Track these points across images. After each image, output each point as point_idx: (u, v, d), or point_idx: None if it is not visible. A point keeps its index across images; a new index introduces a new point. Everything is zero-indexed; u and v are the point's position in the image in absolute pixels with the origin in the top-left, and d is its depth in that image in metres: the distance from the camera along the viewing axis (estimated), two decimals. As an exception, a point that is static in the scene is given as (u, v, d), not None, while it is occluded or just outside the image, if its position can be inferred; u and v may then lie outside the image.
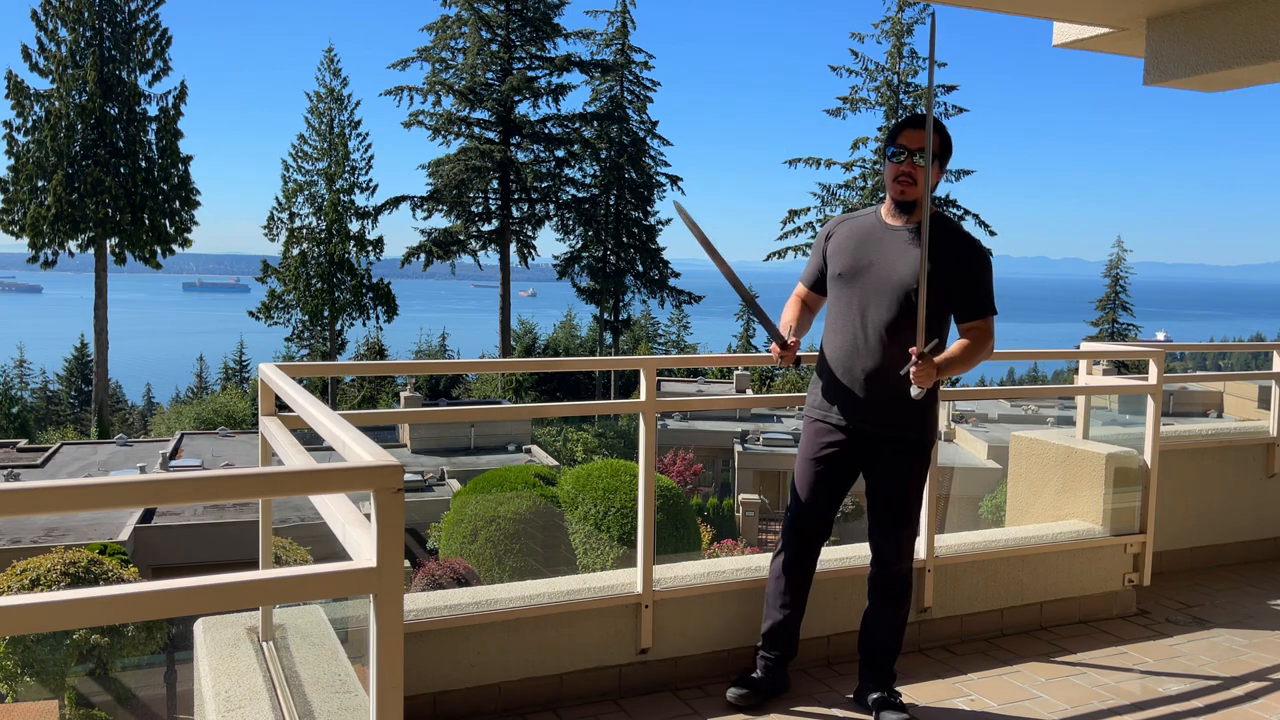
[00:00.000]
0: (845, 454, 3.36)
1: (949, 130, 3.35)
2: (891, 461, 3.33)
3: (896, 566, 3.42)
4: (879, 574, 3.44)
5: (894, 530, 3.38)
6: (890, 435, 3.30)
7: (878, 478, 3.37)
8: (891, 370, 3.22)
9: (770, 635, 3.51)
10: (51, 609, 1.40)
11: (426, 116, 39.52)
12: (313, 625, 3.10)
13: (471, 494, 16.03)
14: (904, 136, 3.21)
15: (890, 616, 3.44)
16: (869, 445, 3.34)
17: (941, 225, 3.27)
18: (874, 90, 41.64)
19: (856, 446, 3.35)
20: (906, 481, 3.34)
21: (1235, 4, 4.48)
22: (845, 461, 3.37)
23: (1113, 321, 54.05)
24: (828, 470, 3.38)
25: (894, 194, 3.27)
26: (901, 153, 3.21)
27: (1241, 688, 3.77)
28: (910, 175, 3.20)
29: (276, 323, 40.56)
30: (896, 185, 3.25)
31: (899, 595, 3.45)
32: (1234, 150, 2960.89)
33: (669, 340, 62.15)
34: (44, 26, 35.92)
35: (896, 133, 3.24)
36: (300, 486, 1.67)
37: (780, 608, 3.48)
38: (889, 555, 3.40)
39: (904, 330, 3.21)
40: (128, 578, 12.15)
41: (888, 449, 3.32)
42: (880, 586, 3.45)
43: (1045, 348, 5.86)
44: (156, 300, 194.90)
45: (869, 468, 3.38)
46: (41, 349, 59.53)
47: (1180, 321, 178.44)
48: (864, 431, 3.32)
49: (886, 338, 3.22)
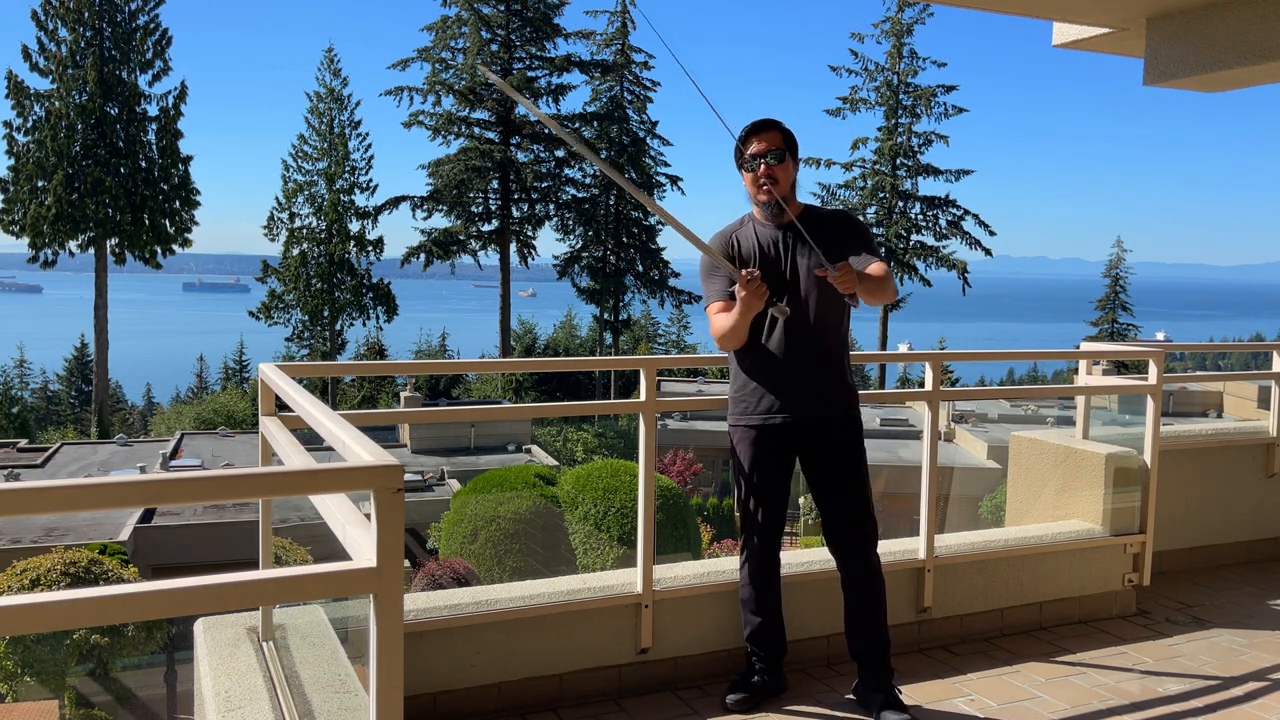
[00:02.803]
0: (788, 450, 3.41)
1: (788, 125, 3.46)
2: (836, 445, 3.40)
3: (868, 557, 3.43)
4: (853, 570, 3.44)
5: (860, 515, 3.41)
6: (829, 416, 3.38)
7: (826, 465, 3.41)
8: (827, 350, 3.37)
9: (755, 638, 3.53)
10: (51, 609, 1.40)
11: (426, 116, 39.52)
12: (313, 625, 3.10)
13: (471, 494, 16.02)
14: (751, 147, 3.35)
15: (875, 612, 3.44)
16: (808, 437, 3.39)
17: (814, 210, 3.46)
18: (874, 90, 41.65)
19: (796, 443, 3.41)
20: (858, 460, 3.42)
21: (1235, 4, 4.48)
22: (789, 458, 3.44)
23: (1113, 321, 54.05)
24: (775, 470, 3.42)
25: (762, 198, 3.38)
26: (754, 161, 3.35)
27: (1241, 688, 3.77)
28: (771, 175, 3.34)
29: (276, 323, 40.57)
30: (762, 191, 3.36)
31: (878, 588, 3.45)
32: (1234, 150, 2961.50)
33: (669, 340, 62.14)
34: (44, 26, 35.91)
35: (744, 147, 3.37)
36: (300, 486, 1.67)
37: (757, 612, 3.51)
38: (859, 545, 3.41)
39: (827, 312, 3.35)
40: (128, 578, 12.15)
41: (830, 433, 3.39)
42: (857, 584, 3.44)
43: (1045, 348, 5.86)
44: (156, 300, 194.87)
45: (812, 462, 3.42)
46: (41, 349, 59.52)
47: (1180, 321, 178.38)
48: (808, 420, 3.37)
49: (815, 321, 3.35)
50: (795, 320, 3.33)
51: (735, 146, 3.40)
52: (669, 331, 62.66)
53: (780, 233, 3.41)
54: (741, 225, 3.51)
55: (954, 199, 41.92)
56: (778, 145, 3.34)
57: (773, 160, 3.33)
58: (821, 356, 3.38)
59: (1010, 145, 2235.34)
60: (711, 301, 3.45)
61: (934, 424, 4.07)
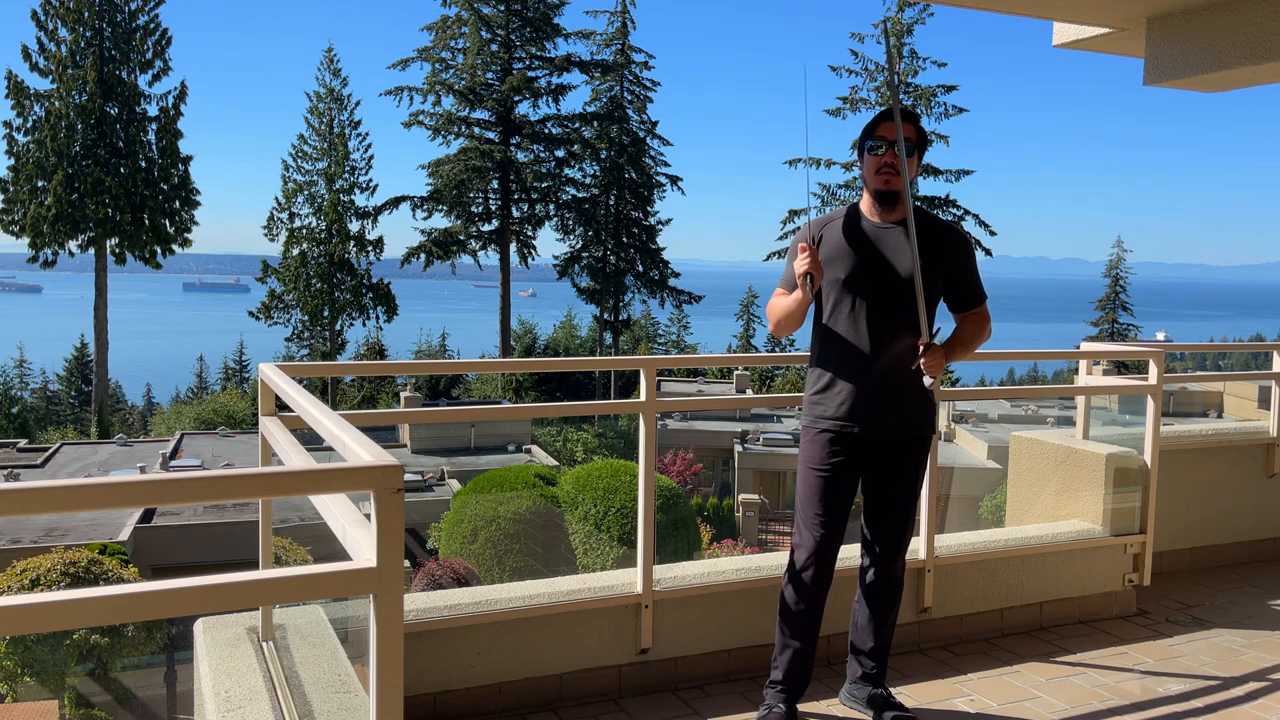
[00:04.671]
0: (856, 462, 3.26)
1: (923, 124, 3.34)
2: (905, 461, 3.28)
3: (897, 566, 3.40)
4: (881, 577, 3.38)
5: (902, 530, 3.35)
6: (904, 434, 3.26)
7: (890, 480, 3.29)
8: (903, 367, 3.21)
9: (790, 672, 3.32)
10: (51, 609, 1.40)
11: (426, 116, 39.53)
12: (313, 625, 3.10)
13: (471, 494, 16.03)
14: (883, 129, 3.18)
15: (890, 616, 3.43)
16: (879, 448, 3.26)
17: (925, 217, 3.27)
18: (874, 90, 41.63)
19: (866, 452, 3.26)
20: (918, 480, 3.33)
21: (1235, 4, 4.48)
22: (856, 471, 3.28)
23: (1113, 321, 54.06)
24: (844, 482, 3.26)
25: (878, 185, 3.19)
26: (881, 144, 3.17)
27: (1241, 688, 3.77)
28: (893, 166, 3.15)
29: (276, 323, 40.56)
30: (880, 177, 3.18)
31: (898, 594, 3.44)
32: (1234, 150, 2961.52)
33: (669, 340, 62.14)
34: (44, 26, 35.92)
35: (875, 125, 3.19)
36: (300, 486, 1.67)
37: (797, 636, 3.31)
38: (893, 557, 3.36)
39: (910, 326, 3.20)
40: (128, 578, 12.15)
41: (901, 449, 3.27)
42: (881, 590, 3.39)
43: (1045, 348, 5.86)
44: (156, 300, 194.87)
45: (877, 471, 3.29)
46: (41, 349, 59.53)
47: (1180, 321, 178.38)
48: (880, 435, 3.24)
49: (895, 336, 3.20)
50: (874, 331, 3.19)
51: (865, 126, 3.21)
52: (669, 331, 62.67)
53: (886, 231, 3.22)
54: (842, 216, 3.30)
55: (954, 199, 41.94)
56: (910, 137, 3.16)
57: (900, 150, 3.12)
58: (896, 372, 3.22)
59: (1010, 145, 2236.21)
60: (782, 286, 3.33)
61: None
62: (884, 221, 3.24)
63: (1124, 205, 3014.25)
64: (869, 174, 3.22)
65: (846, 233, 3.25)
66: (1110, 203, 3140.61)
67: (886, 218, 3.24)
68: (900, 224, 3.22)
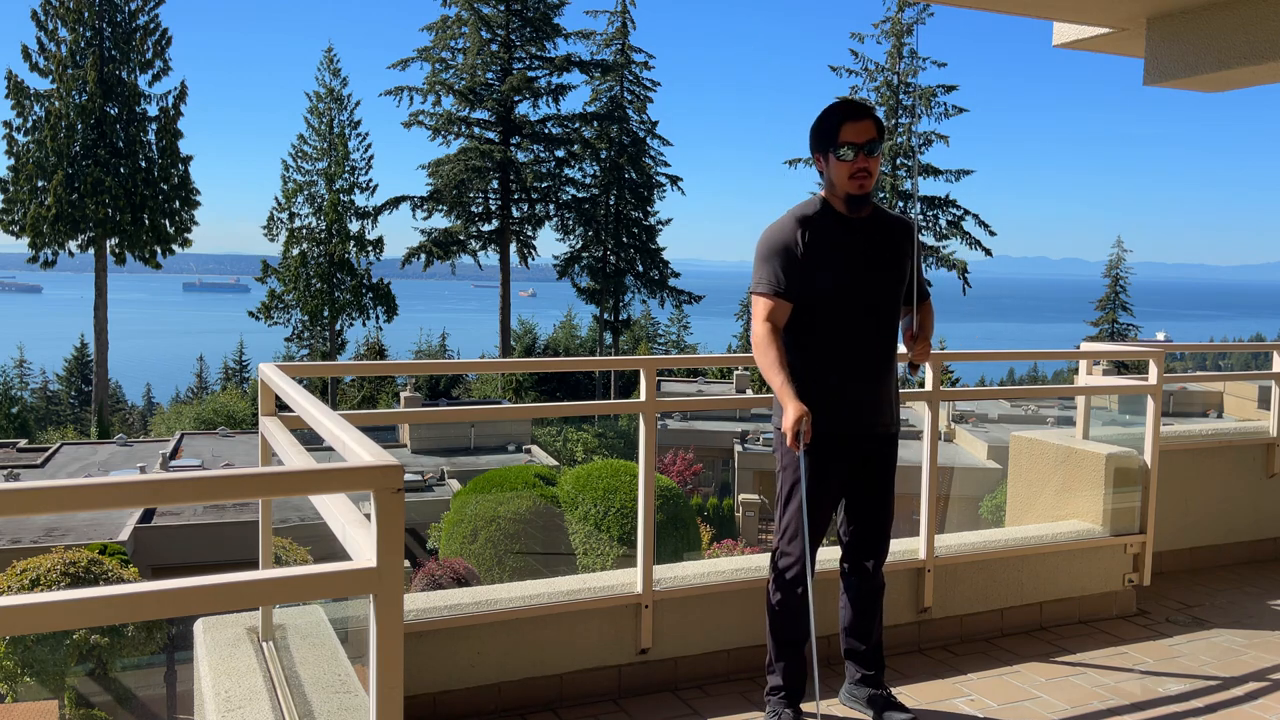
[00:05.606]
0: (844, 459, 3.24)
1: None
2: (885, 461, 3.32)
3: (881, 565, 3.41)
4: (870, 580, 3.38)
5: (888, 528, 3.38)
6: (885, 434, 3.29)
7: (872, 480, 3.29)
8: (891, 363, 3.27)
9: (791, 678, 3.30)
10: (51, 609, 1.40)
11: (426, 116, 39.53)
12: (313, 625, 3.10)
13: (471, 494, 16.03)
14: (847, 132, 3.10)
15: (879, 615, 3.44)
16: (861, 450, 3.25)
17: (881, 213, 3.31)
18: (874, 90, 41.61)
19: (850, 455, 3.24)
20: (893, 476, 3.37)
21: (1235, 4, 4.48)
22: (841, 474, 3.26)
23: (1113, 322, 54.05)
24: (828, 486, 3.23)
25: (851, 190, 3.14)
26: (851, 150, 3.11)
27: (1241, 688, 3.77)
28: (867, 169, 3.11)
29: (276, 323, 40.56)
30: (854, 181, 3.13)
31: (881, 592, 3.44)
32: (1234, 150, 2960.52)
33: (669, 340, 62.13)
34: (44, 26, 35.92)
35: (836, 130, 3.11)
36: (300, 486, 1.67)
37: (801, 643, 3.28)
38: (877, 556, 3.37)
39: (893, 323, 3.28)
40: (128, 578, 12.15)
41: (882, 449, 3.29)
42: (866, 590, 3.39)
43: (1045, 348, 5.87)
44: (156, 300, 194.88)
45: (859, 473, 3.28)
46: (41, 349, 59.53)
47: (1180, 321, 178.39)
48: (863, 436, 3.23)
49: (880, 335, 3.24)
50: (864, 331, 3.19)
51: (818, 125, 3.15)
52: (669, 331, 62.66)
53: (862, 228, 3.22)
54: (816, 211, 3.23)
55: (954, 199, 41.91)
56: (874, 136, 3.12)
57: (869, 152, 3.11)
58: (886, 370, 3.26)
59: (1010, 145, 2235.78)
60: (760, 289, 3.18)
61: (934, 424, 4.07)
62: (856, 218, 3.23)
63: (1124, 205, 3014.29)
64: (839, 178, 3.15)
65: (826, 232, 3.19)
66: (1110, 203, 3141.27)
67: (857, 214, 3.24)
68: (872, 219, 3.26)
